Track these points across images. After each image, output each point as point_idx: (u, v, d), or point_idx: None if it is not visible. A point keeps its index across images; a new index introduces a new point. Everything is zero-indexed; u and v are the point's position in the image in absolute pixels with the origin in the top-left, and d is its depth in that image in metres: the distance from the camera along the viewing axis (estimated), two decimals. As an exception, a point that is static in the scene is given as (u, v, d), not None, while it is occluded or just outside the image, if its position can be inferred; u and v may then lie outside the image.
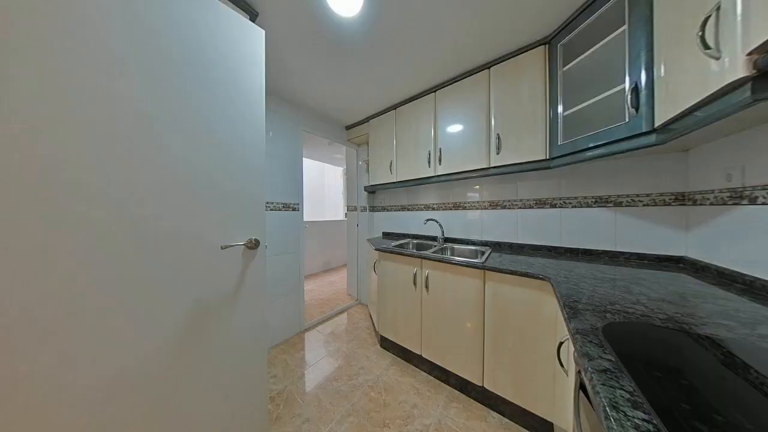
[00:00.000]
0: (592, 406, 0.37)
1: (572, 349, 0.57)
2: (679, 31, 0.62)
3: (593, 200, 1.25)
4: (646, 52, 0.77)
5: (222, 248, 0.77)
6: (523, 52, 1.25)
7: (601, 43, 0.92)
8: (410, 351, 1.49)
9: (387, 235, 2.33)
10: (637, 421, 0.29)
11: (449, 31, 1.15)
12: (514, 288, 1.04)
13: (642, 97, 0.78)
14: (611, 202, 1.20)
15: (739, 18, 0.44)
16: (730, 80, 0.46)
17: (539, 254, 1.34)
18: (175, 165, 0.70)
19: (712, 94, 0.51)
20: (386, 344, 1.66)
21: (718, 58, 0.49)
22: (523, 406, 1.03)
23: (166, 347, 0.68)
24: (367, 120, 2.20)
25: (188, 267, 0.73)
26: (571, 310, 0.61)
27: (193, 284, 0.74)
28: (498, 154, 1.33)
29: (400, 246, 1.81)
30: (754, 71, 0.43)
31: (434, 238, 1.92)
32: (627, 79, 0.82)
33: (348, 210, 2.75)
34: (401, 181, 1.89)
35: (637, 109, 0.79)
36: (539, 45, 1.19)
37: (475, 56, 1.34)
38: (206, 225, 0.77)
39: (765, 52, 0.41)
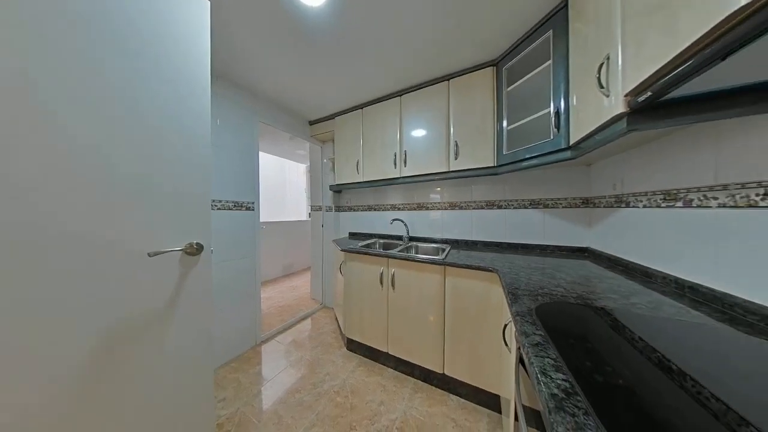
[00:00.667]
0: (528, 375, 0.44)
1: (514, 329, 0.67)
2: (585, 71, 0.80)
3: (528, 202, 1.49)
4: (564, 85, 0.96)
5: (150, 255, 0.64)
6: (476, 70, 1.40)
7: (534, 72, 1.11)
8: (377, 350, 1.51)
9: (354, 236, 2.30)
10: (558, 381, 0.36)
11: (412, 40, 1.21)
12: (469, 281, 1.16)
13: (561, 120, 0.96)
14: (541, 204, 1.45)
15: (619, 67, 0.60)
16: (614, 114, 0.61)
17: (489, 249, 1.53)
18: (81, 154, 0.55)
19: (603, 123, 0.67)
20: (353, 346, 1.64)
21: (608, 96, 0.64)
22: (477, 386, 1.16)
23: (71, 384, 0.53)
24: (332, 117, 2.13)
25: (102, 281, 0.58)
26: (513, 296, 0.71)
27: (109, 302, 0.59)
28: (456, 159, 1.46)
29: (367, 246, 1.82)
30: (628, 109, 0.58)
31: (400, 238, 1.99)
32: (552, 104, 1.01)
33: (312, 210, 2.61)
34: (368, 181, 1.89)
35: (558, 129, 0.98)
36: (488, 66, 1.36)
37: (435, 67, 1.44)
38: (128, 228, 0.62)
39: (635, 95, 0.55)
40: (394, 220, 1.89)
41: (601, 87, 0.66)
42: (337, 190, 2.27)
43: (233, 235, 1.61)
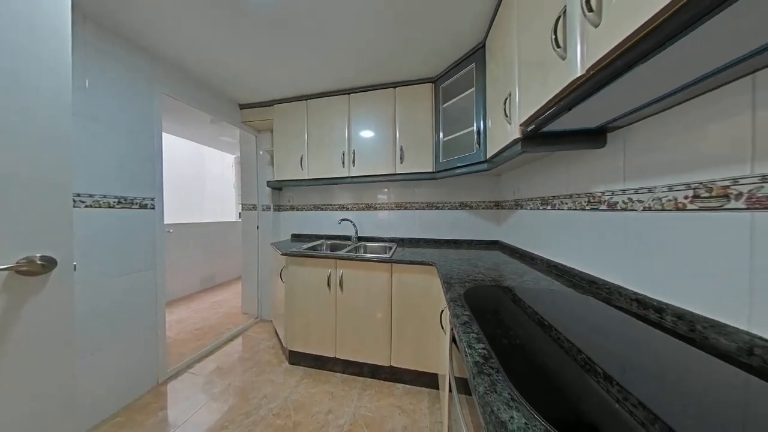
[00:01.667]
0: (458, 350, 0.52)
1: (448, 313, 0.78)
2: (496, 101, 1.01)
3: (459, 204, 1.76)
4: (483, 110, 1.18)
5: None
6: (419, 84, 1.55)
7: (463, 95, 1.32)
8: (324, 357, 1.43)
9: (297, 237, 2.11)
10: (479, 350, 0.44)
11: (357, 41, 1.22)
12: (413, 275, 1.27)
13: (481, 138, 1.19)
14: (467, 206, 1.74)
15: (517, 103, 0.79)
16: (514, 138, 0.80)
17: (429, 246, 1.72)
18: None
19: (507, 144, 0.87)
20: (296, 359, 1.50)
21: (510, 124, 0.83)
22: (420, 369, 1.28)
23: None
24: (270, 104, 1.88)
25: None
26: (448, 285, 0.82)
27: None
28: (402, 163, 1.57)
29: (313, 248, 1.70)
30: (522, 135, 0.77)
31: (348, 238, 1.96)
32: (474, 123, 1.23)
33: (244, 209, 2.22)
34: (314, 179, 1.77)
35: (479, 145, 1.20)
36: (429, 82, 1.53)
37: (382, 73, 1.50)
38: None
39: (526, 126, 0.74)
40: (342, 220, 1.85)
41: (506, 116, 0.86)
42: (277, 187, 2.03)
43: (121, 242, 1.18)
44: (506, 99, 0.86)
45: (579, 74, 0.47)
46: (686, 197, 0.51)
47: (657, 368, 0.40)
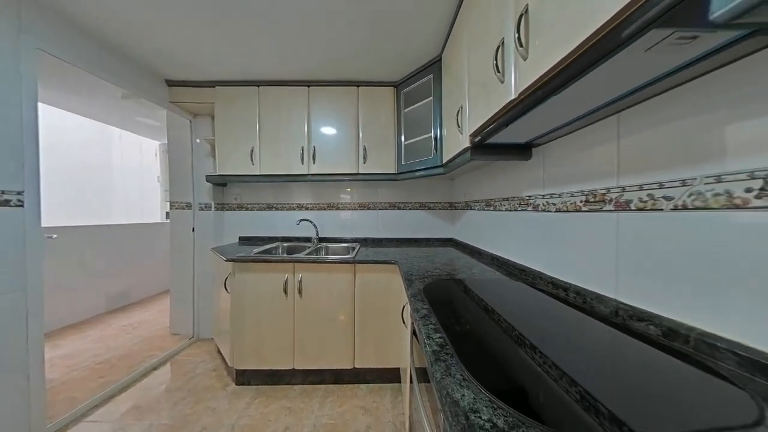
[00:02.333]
0: (418, 341, 0.55)
1: (409, 308, 0.82)
2: (450, 112, 1.11)
3: (419, 205, 1.87)
4: (439, 118, 1.29)
5: None
6: (381, 86, 1.58)
7: (422, 102, 1.41)
8: (281, 370, 1.31)
9: (246, 241, 1.87)
10: (437, 339, 0.48)
11: (324, 31, 1.17)
12: (376, 274, 1.28)
13: (438, 144, 1.29)
14: (426, 206, 1.87)
15: (467, 116, 0.89)
16: (464, 146, 0.90)
17: (392, 245, 1.77)
18: None
19: (459, 151, 0.98)
20: (246, 377, 1.33)
21: (461, 134, 0.93)
22: (383, 366, 1.30)
23: None
24: (212, 85, 1.61)
25: None
26: (408, 281, 0.87)
27: None
28: (365, 163, 1.57)
29: (267, 252, 1.54)
30: (471, 145, 0.87)
31: (308, 239, 1.85)
32: (432, 130, 1.33)
33: (174, 208, 1.83)
34: (268, 175, 1.60)
35: (436, 150, 1.30)
36: (391, 85, 1.57)
37: (345, 70, 1.47)
38: None
39: (474, 137, 0.84)
40: (301, 220, 1.73)
41: (458, 126, 0.96)
42: (220, 182, 1.75)
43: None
44: (458, 111, 0.96)
45: (513, 97, 0.57)
46: (581, 201, 0.67)
47: (563, 333, 0.51)
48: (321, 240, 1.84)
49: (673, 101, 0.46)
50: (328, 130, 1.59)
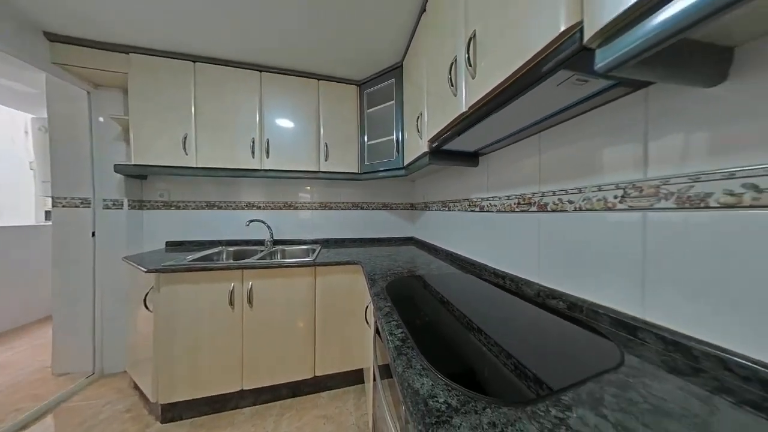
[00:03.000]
0: (381, 339, 0.56)
1: (372, 307, 0.82)
2: (411, 117, 1.17)
3: (382, 205, 1.90)
4: (401, 122, 1.34)
5: None
6: (344, 83, 1.54)
7: (385, 104, 1.44)
8: (225, 395, 1.14)
9: (177, 246, 1.56)
10: (398, 335, 0.49)
11: (272, 14, 1.07)
12: (338, 276, 1.25)
13: (400, 146, 1.34)
14: (389, 206, 1.92)
15: (426, 122, 0.95)
16: (423, 151, 0.97)
17: (355, 245, 1.75)
18: None
19: (419, 155, 1.04)
20: (176, 412, 1.10)
21: (421, 139, 1.00)
22: (346, 369, 1.28)
23: None
24: (124, 49, 1.27)
25: None
26: (372, 281, 0.87)
27: None
28: (326, 161, 1.51)
29: (207, 258, 1.32)
30: (429, 150, 0.94)
31: (261, 242, 1.66)
32: (395, 133, 1.37)
33: (58, 205, 1.37)
34: (209, 169, 1.37)
35: (398, 153, 1.35)
36: (354, 84, 1.55)
37: (305, 61, 1.38)
38: None
39: (431, 142, 0.91)
40: (252, 221, 1.54)
41: (418, 131, 1.01)
42: (138, 174, 1.41)
43: None
44: (418, 117, 1.02)
45: (464, 110, 0.64)
46: (515, 203, 0.80)
47: (501, 315, 0.61)
48: (276, 242, 1.67)
49: (575, 128, 0.60)
50: (285, 123, 1.46)
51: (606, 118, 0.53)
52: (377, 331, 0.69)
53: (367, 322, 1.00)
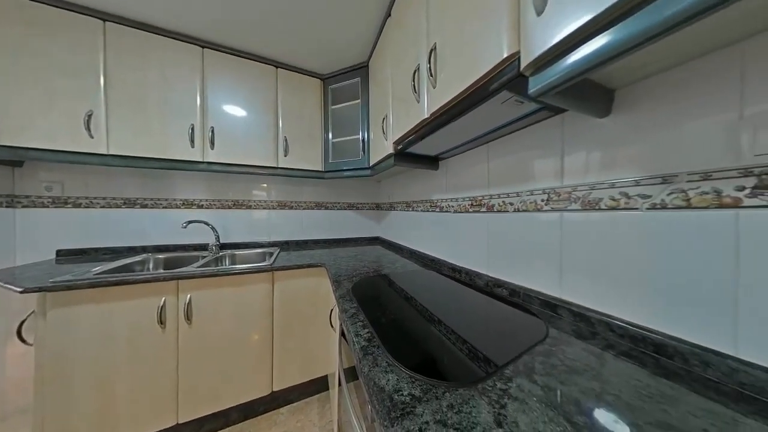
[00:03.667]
0: (347, 342, 0.55)
1: (337, 310, 0.80)
2: (377, 117, 1.18)
3: (347, 205, 1.86)
4: (367, 122, 1.34)
5: None
6: (307, 75, 1.45)
7: (351, 102, 1.42)
8: (153, 433, 0.93)
9: (75, 255, 1.21)
10: (365, 335, 0.49)
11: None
12: (300, 280, 1.17)
13: (365, 146, 1.34)
14: (354, 206, 1.89)
15: (391, 125, 0.97)
16: (389, 152, 0.99)
17: (319, 246, 1.67)
18: None
19: (384, 156, 1.06)
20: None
21: (386, 140, 1.01)
22: (309, 378, 1.20)
23: None
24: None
25: None
26: (337, 283, 0.85)
27: None
28: (286, 156, 1.39)
29: (124, 269, 1.06)
30: (394, 151, 0.97)
31: (204, 246, 1.43)
32: (361, 132, 1.36)
33: None
34: (126, 157, 1.10)
35: (364, 153, 1.35)
36: (317, 78, 1.48)
37: (260, 42, 1.24)
38: None
39: (397, 144, 0.94)
40: (190, 222, 1.30)
41: (384, 133, 1.03)
42: (9, 160, 1.03)
43: None
44: (384, 118, 1.03)
45: (426, 116, 0.68)
46: (469, 204, 0.90)
47: (457, 305, 0.67)
48: (224, 246, 1.46)
49: (515, 140, 0.71)
50: (236, 111, 1.29)
51: (537, 135, 0.64)
52: (343, 334, 0.67)
53: (332, 326, 0.97)
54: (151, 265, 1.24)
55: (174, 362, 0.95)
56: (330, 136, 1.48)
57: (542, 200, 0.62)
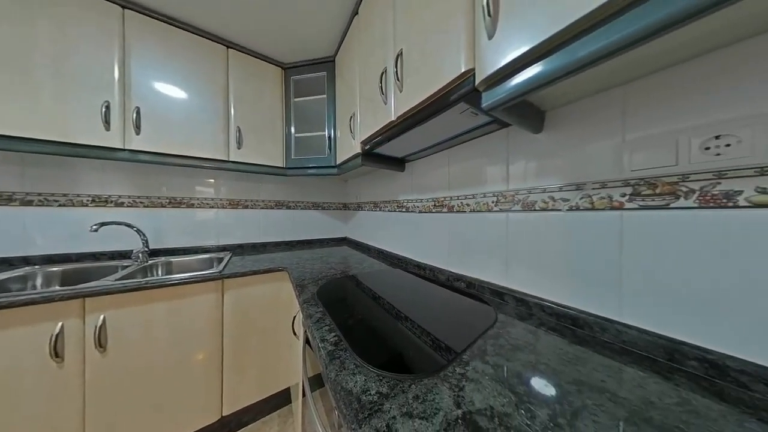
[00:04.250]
0: (312, 349, 0.53)
1: (301, 317, 0.75)
2: (344, 115, 1.16)
3: (311, 204, 1.77)
4: (333, 118, 1.30)
5: None
6: (265, 61, 1.31)
7: (315, 97, 1.35)
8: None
9: None
10: (331, 340, 0.48)
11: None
12: (257, 287, 1.06)
13: (332, 144, 1.30)
14: (320, 206, 1.81)
15: (358, 124, 0.97)
16: (356, 152, 0.98)
17: (279, 249, 1.54)
18: None
19: (352, 155, 1.04)
20: None
21: (354, 139, 1.00)
22: (269, 394, 1.10)
23: None
24: None
25: None
26: (300, 287, 0.80)
27: None
28: (240, 149, 1.24)
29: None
30: (362, 151, 0.96)
31: (126, 254, 1.16)
32: (327, 129, 1.31)
33: None
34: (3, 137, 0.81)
35: (330, 150, 1.30)
36: (278, 65, 1.36)
37: (204, 13, 1.07)
38: None
39: (365, 144, 0.93)
40: (102, 224, 1.04)
41: (351, 131, 1.02)
42: None
43: None
44: (351, 117, 1.02)
45: (393, 119, 0.69)
46: (432, 205, 0.96)
47: (421, 300, 0.71)
48: (155, 253, 1.22)
49: (472, 148, 0.79)
50: (172, 91, 1.08)
51: (490, 144, 0.73)
52: (308, 341, 0.63)
53: (296, 334, 0.91)
54: (39, 282, 0.94)
55: (78, 402, 0.74)
56: (292, 130, 1.38)
57: (492, 202, 0.71)
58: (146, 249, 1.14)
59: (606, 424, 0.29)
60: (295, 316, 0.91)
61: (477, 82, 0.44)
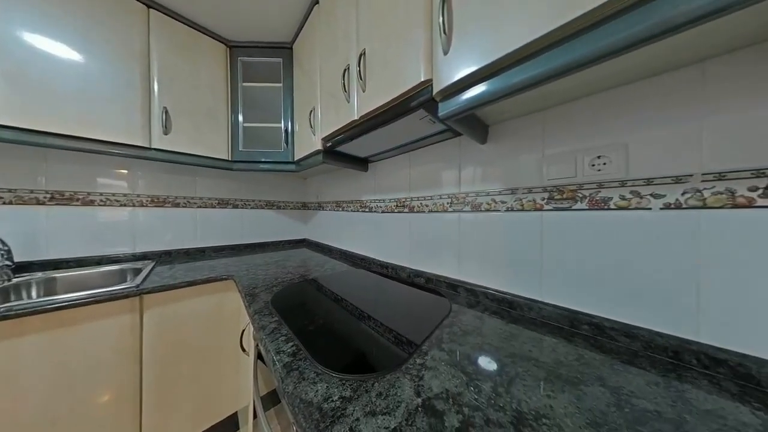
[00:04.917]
0: (265, 363, 0.47)
1: (251, 329, 0.67)
2: (303, 109, 1.08)
3: (265, 203, 1.60)
4: (291, 111, 1.20)
5: None
6: (204, 34, 1.12)
7: (269, 84, 1.22)
8: None
9: None
10: (288, 350, 0.44)
11: None
12: (191, 301, 0.89)
13: (289, 138, 1.20)
14: (275, 205, 1.65)
15: (319, 119, 0.92)
16: (316, 148, 0.93)
17: (223, 255, 1.33)
18: None
19: (312, 152, 0.99)
20: None
21: (314, 135, 0.95)
22: (209, 425, 0.93)
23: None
24: None
25: None
26: (251, 296, 0.71)
27: None
28: (167, 134, 1.02)
29: None
30: (323, 148, 0.92)
31: (-34, 273, 0.81)
32: (283, 121, 1.20)
33: None
34: None
35: (287, 145, 1.20)
36: (220, 41, 1.17)
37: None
38: None
39: (327, 141, 0.89)
40: None
41: (311, 126, 0.96)
42: None
43: None
44: (311, 111, 0.96)
45: (356, 118, 0.69)
46: (395, 205, 0.99)
47: (384, 298, 0.72)
48: (22, 268, 0.89)
49: (430, 152, 0.84)
50: (55, 48, 0.81)
51: (445, 150, 0.79)
52: (260, 356, 0.57)
53: (245, 350, 0.80)
54: None
55: None
56: (240, 118, 1.22)
57: (447, 203, 0.78)
58: (9, 263, 0.82)
59: (532, 385, 0.35)
60: (243, 330, 0.80)
61: (434, 92, 0.48)
